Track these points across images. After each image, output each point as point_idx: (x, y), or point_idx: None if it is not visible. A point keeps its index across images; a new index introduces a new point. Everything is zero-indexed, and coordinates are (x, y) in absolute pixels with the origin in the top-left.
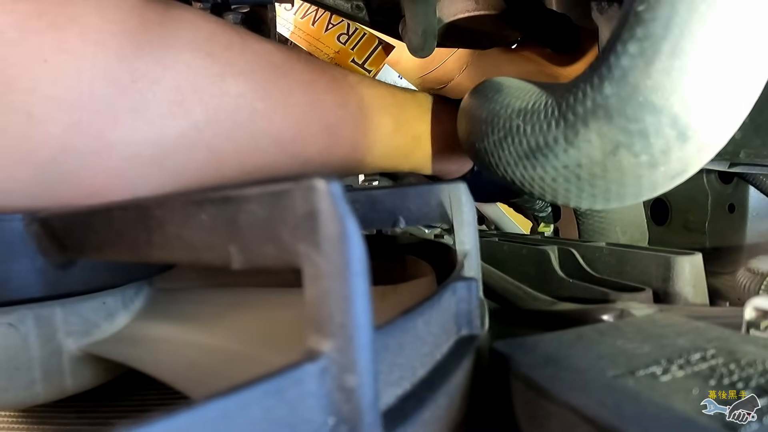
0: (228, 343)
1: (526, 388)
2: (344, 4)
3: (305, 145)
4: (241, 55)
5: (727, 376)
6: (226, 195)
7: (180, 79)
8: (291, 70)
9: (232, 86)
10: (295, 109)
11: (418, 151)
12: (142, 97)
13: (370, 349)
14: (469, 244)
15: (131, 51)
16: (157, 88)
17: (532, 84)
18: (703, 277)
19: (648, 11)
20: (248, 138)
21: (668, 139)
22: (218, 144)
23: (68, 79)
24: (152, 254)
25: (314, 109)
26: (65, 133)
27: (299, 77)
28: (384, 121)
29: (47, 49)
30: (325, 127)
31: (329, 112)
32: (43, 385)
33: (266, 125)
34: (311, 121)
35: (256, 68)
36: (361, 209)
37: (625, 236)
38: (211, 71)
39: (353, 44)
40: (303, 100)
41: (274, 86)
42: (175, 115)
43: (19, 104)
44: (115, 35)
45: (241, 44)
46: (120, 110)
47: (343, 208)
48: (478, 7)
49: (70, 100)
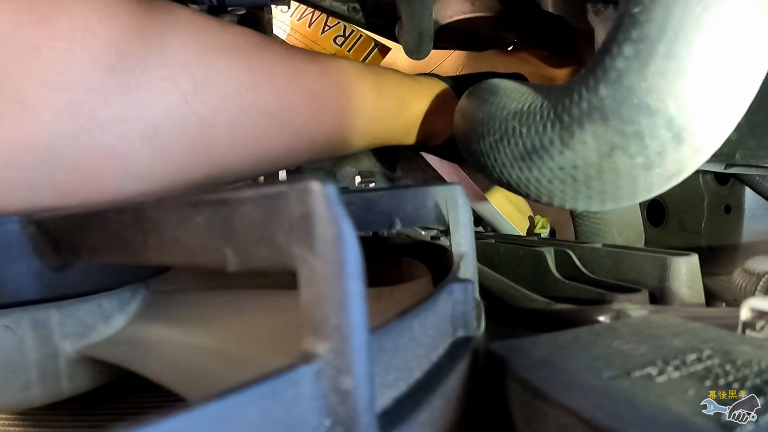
0: (224, 345)
1: (522, 390)
2: (340, 6)
3: (293, 114)
4: (221, 35)
5: (723, 377)
6: (221, 197)
7: (165, 57)
8: (271, 45)
9: (216, 60)
10: (279, 79)
11: (405, 111)
12: (130, 75)
13: (365, 351)
14: (465, 245)
15: (118, 34)
16: (144, 66)
17: (528, 86)
18: (700, 277)
19: (643, 13)
20: (236, 109)
21: (664, 140)
22: (208, 116)
23: (59, 63)
24: (148, 256)
25: (297, 78)
26: (58, 117)
27: (278, 51)
28: (365, 87)
29: (39, 38)
30: (310, 94)
31: (312, 81)
32: (39, 387)
33: (253, 96)
34: (296, 90)
35: (238, 45)
36: (356, 211)
37: (621, 237)
38: (195, 48)
39: (350, 46)
40: (286, 71)
41: (257, 60)
42: (163, 90)
43: (13, 92)
44: (102, 21)
45: (219, 26)
46: (109, 89)
47: (338, 210)
48: (474, 9)
49: (62, 83)
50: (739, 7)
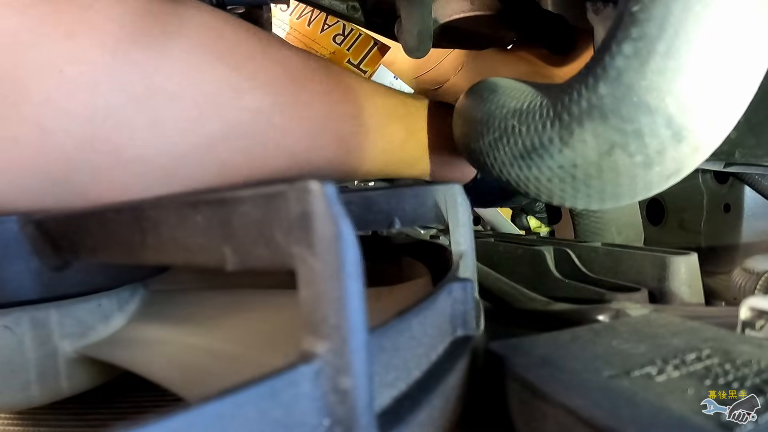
0: (223, 345)
1: (522, 389)
2: (340, 5)
3: (316, 156)
4: (262, 68)
5: (723, 376)
6: (220, 197)
7: (198, 95)
8: (309, 81)
9: (250, 101)
10: (310, 122)
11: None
12: (158, 113)
13: (364, 351)
14: (465, 244)
15: (150, 62)
16: (175, 103)
17: (528, 84)
18: (699, 276)
19: (643, 11)
20: (261, 150)
21: (663, 139)
22: (230, 157)
23: (84, 92)
24: (147, 256)
25: (329, 120)
26: (79, 148)
27: (317, 88)
28: (395, 130)
29: (63, 58)
30: (338, 138)
31: (343, 124)
32: (38, 387)
33: (280, 138)
34: (325, 133)
35: (276, 81)
36: (356, 210)
37: (620, 236)
38: (232, 85)
39: (349, 45)
40: (319, 112)
41: (292, 99)
42: (190, 131)
43: (32, 115)
44: (134, 45)
45: (262, 54)
46: (136, 126)
47: (337, 210)
48: (473, 7)
49: (86, 114)
50: (739, 5)
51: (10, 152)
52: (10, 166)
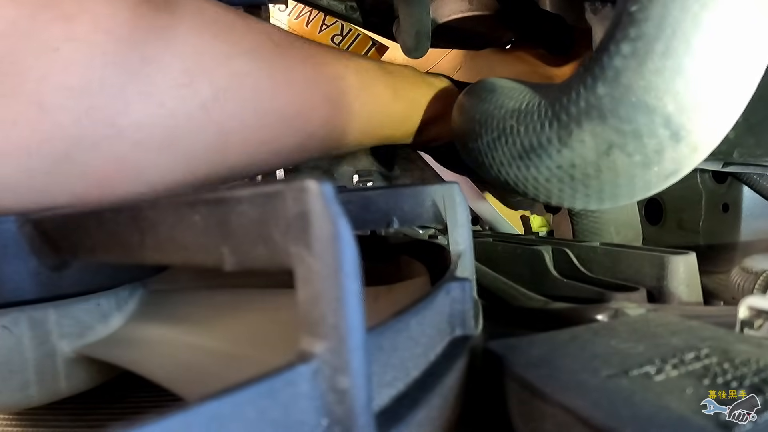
0: (222, 345)
1: (520, 389)
2: (338, 5)
3: (308, 118)
4: (245, 36)
5: (721, 376)
6: (218, 196)
7: (188, 62)
8: (291, 47)
9: (237, 66)
10: (298, 84)
11: (411, 119)
12: (152, 81)
13: (362, 351)
14: (463, 244)
15: (140, 37)
16: (166, 71)
17: (526, 85)
18: (698, 276)
19: (641, 11)
20: (254, 115)
21: (661, 139)
22: (225, 122)
23: (79, 66)
24: (145, 256)
25: (315, 82)
26: (77, 123)
27: (299, 53)
28: (380, 89)
29: (58, 38)
30: (326, 99)
31: (330, 85)
32: (37, 387)
33: (271, 102)
34: (313, 95)
35: (259, 47)
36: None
37: (619, 236)
38: (218, 51)
39: (347, 45)
40: (304, 75)
41: (277, 64)
42: (184, 97)
43: (31, 94)
44: (125, 23)
45: (243, 25)
46: (130, 95)
47: (335, 209)
48: (471, 7)
49: (82, 87)
50: (737, 4)
51: (10, 135)
52: (11, 148)
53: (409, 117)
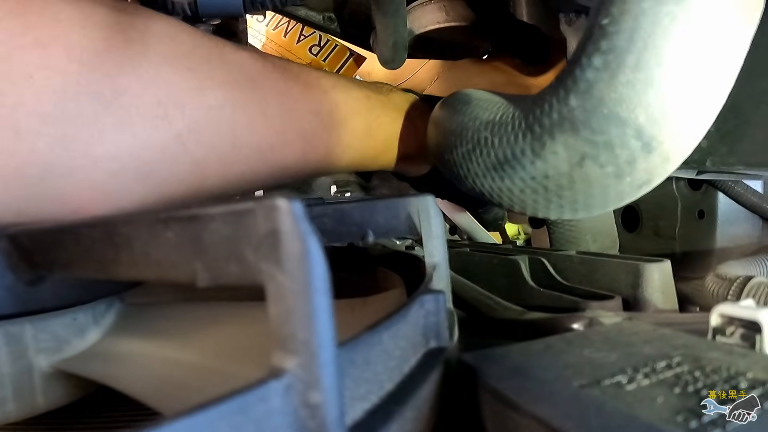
0: (199, 358)
1: (494, 400)
2: (316, 16)
3: (283, 153)
4: (219, 69)
5: (692, 384)
6: (190, 213)
7: (161, 94)
8: (267, 80)
9: (211, 99)
10: (273, 119)
11: (388, 152)
12: (126, 112)
13: (333, 366)
14: (438, 256)
15: (114, 68)
16: (140, 103)
17: (501, 96)
18: (672, 283)
19: (612, 24)
20: (230, 148)
21: (633, 150)
22: (201, 155)
23: (53, 94)
24: (120, 271)
25: (290, 118)
26: (51, 149)
27: (275, 86)
28: (356, 125)
29: (32, 65)
30: (301, 135)
31: (304, 121)
32: (14, 402)
33: (247, 135)
34: (288, 130)
35: (233, 81)
36: (329, 223)
37: (595, 244)
38: (191, 85)
39: (325, 56)
40: (280, 110)
41: (252, 98)
42: (158, 128)
43: (6, 120)
44: (99, 53)
45: (218, 57)
46: (105, 125)
47: (305, 227)
48: (448, 18)
49: (56, 115)
50: (707, 18)
51: None
52: None
53: (383, 153)
